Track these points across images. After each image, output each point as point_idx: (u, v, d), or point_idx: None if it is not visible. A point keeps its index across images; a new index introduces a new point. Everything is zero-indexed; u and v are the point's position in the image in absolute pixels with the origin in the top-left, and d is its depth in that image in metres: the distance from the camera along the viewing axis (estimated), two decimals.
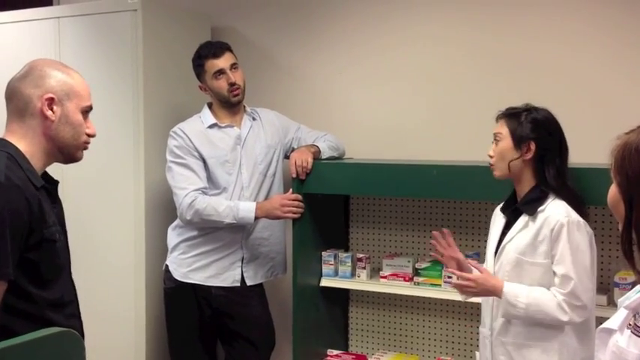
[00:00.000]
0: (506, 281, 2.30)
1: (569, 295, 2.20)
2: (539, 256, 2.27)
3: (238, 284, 3.07)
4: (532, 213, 2.29)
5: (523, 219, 2.33)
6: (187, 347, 3.15)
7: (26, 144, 1.80)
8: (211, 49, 3.06)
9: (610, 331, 1.37)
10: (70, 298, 1.89)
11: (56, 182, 1.92)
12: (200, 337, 3.15)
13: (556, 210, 2.26)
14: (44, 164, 1.85)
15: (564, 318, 2.21)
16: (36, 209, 1.71)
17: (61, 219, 1.90)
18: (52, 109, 1.81)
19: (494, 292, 2.28)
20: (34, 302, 1.74)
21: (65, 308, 1.84)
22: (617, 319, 1.36)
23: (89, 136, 1.89)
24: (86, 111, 1.88)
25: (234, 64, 3.07)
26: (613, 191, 1.40)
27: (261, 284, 3.19)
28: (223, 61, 3.04)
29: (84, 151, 1.92)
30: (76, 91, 1.85)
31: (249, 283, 3.10)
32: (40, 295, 1.75)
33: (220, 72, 3.04)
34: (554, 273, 2.25)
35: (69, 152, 1.87)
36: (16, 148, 1.79)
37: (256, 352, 3.15)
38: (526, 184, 2.34)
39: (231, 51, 3.10)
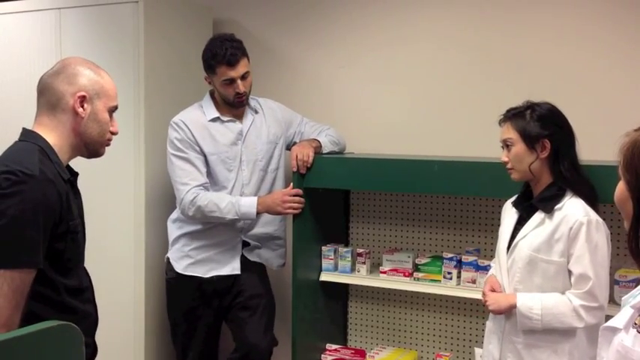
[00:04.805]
0: (518, 279, 2.29)
1: (586, 296, 2.18)
2: (554, 254, 2.24)
3: (238, 272, 3.06)
4: (549, 211, 2.26)
5: (539, 216, 2.29)
6: (188, 335, 3.13)
7: (55, 137, 1.89)
8: (226, 55, 2.90)
9: (614, 330, 1.35)
10: (86, 284, 2.00)
11: (76, 174, 2.01)
12: (203, 325, 3.13)
13: (574, 209, 2.23)
14: (69, 157, 1.95)
15: (580, 325, 2.21)
16: (65, 202, 1.82)
17: (81, 210, 2.00)
18: (82, 107, 1.90)
19: (510, 307, 2.29)
20: (56, 288, 1.85)
21: (83, 294, 1.95)
22: (621, 317, 1.35)
23: (112, 133, 2.00)
24: (112, 110, 1.98)
25: (246, 72, 2.97)
26: (621, 189, 1.37)
27: (263, 267, 3.17)
28: (236, 72, 2.93)
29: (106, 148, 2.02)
30: (106, 91, 1.95)
31: (251, 259, 3.10)
32: (61, 282, 1.86)
33: (231, 80, 2.95)
34: (570, 272, 2.23)
35: (94, 148, 1.97)
36: (45, 140, 1.87)
37: (259, 319, 3.10)
38: (543, 181, 2.31)
39: (245, 54, 2.97)
